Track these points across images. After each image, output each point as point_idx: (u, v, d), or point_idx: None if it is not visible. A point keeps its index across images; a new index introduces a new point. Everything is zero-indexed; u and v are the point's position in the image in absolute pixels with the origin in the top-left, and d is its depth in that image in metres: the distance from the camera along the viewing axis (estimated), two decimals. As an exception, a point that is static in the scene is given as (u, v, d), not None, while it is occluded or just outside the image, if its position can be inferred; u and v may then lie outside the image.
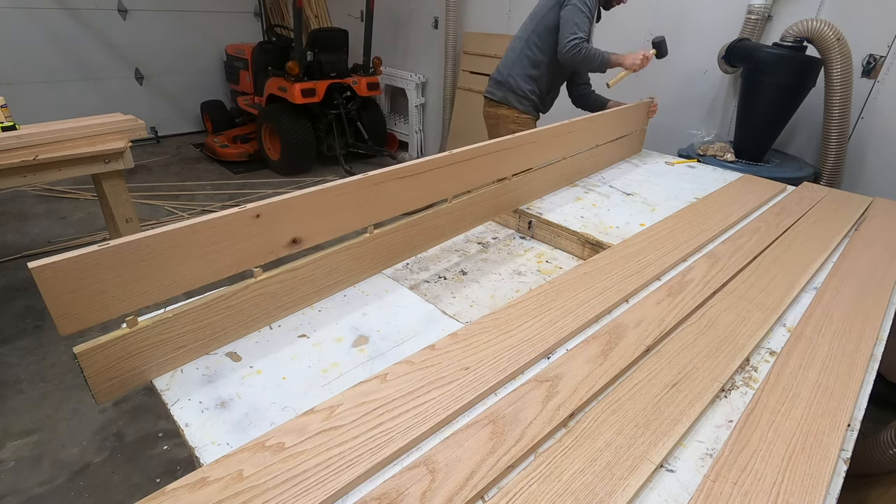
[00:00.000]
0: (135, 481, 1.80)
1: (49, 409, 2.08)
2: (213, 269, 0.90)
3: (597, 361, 0.93)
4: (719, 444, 0.80)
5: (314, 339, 1.01)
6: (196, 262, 0.88)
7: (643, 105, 2.31)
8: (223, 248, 0.90)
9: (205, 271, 0.89)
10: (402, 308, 1.12)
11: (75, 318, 0.77)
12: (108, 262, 0.77)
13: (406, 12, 5.02)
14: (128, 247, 0.78)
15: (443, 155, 1.28)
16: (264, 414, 0.82)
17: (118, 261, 0.78)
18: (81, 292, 0.76)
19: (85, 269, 0.75)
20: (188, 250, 0.86)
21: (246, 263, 0.95)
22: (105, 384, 0.82)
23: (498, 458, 0.72)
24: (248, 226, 0.93)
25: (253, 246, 0.95)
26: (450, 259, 1.43)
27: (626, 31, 3.45)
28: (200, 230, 0.86)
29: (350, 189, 1.08)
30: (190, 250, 0.86)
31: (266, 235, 0.96)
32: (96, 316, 0.79)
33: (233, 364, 0.93)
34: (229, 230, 0.90)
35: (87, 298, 0.77)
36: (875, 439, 1.61)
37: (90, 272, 0.76)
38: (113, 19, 5.04)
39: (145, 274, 0.82)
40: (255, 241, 0.95)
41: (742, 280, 1.23)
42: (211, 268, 0.90)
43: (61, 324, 0.75)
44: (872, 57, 2.56)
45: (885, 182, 2.67)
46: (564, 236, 1.53)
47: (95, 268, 0.76)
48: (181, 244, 0.85)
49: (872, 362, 0.99)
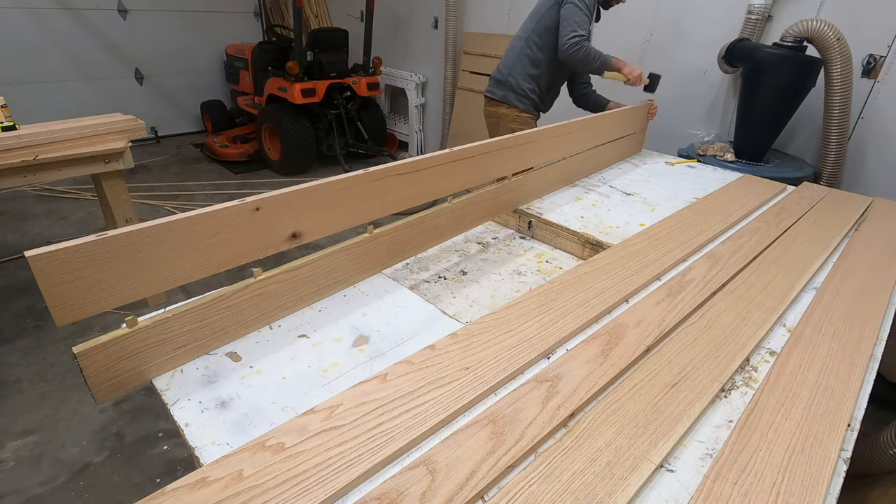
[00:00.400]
0: (135, 481, 1.80)
1: (49, 409, 2.08)
2: (211, 262, 0.90)
3: (597, 361, 0.93)
4: (719, 444, 0.80)
5: (314, 339, 1.01)
6: (195, 254, 0.87)
7: (643, 107, 2.31)
8: (222, 240, 0.90)
9: (203, 264, 0.89)
10: (402, 308, 1.12)
11: (72, 308, 0.76)
12: (105, 252, 0.77)
13: (406, 12, 5.02)
14: (125, 237, 0.78)
15: (443, 152, 1.28)
16: (264, 414, 0.82)
17: (115, 251, 0.78)
18: (78, 283, 0.75)
19: (82, 259, 0.75)
20: (187, 242, 0.85)
21: (245, 257, 0.95)
22: (104, 384, 0.82)
23: (498, 458, 0.72)
24: (248, 219, 0.93)
25: (252, 239, 0.95)
26: (450, 259, 1.43)
27: (626, 32, 3.45)
28: (199, 222, 0.86)
29: (350, 184, 1.08)
30: (189, 242, 0.86)
31: (266, 229, 0.96)
32: (93, 307, 0.78)
33: (233, 364, 0.93)
34: (229, 223, 0.90)
35: (84, 289, 0.76)
36: (875, 439, 1.61)
37: (87, 262, 0.75)
38: (113, 19, 5.04)
39: (143, 265, 0.81)
40: (255, 234, 0.95)
41: (742, 280, 1.23)
42: (210, 260, 0.89)
43: (57, 314, 0.75)
44: (872, 57, 2.56)
45: (885, 182, 2.67)
46: (564, 236, 1.53)
47: (93, 258, 0.76)
48: (180, 236, 0.84)
49: (872, 362, 0.99)
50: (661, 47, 3.31)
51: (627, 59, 2.26)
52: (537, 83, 2.45)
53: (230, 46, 5.41)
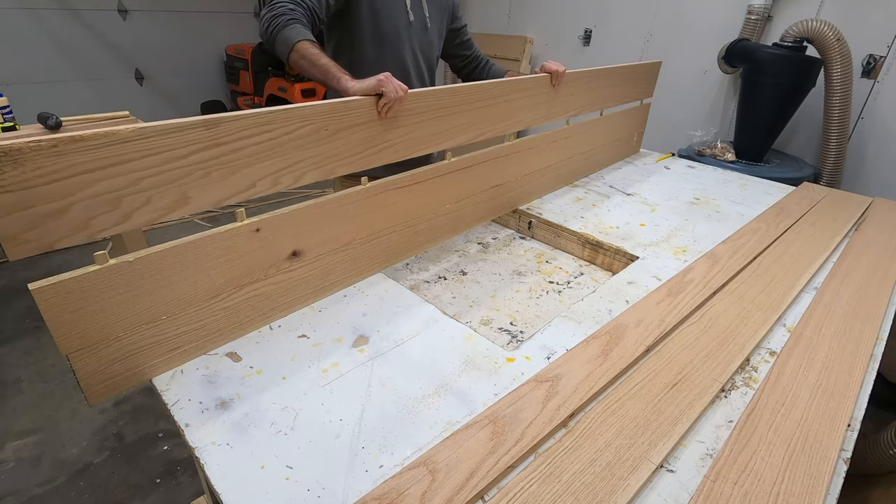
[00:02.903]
0: (135, 481, 1.80)
1: (49, 409, 2.07)
2: (214, 284, 0.91)
3: (597, 361, 0.93)
4: (719, 444, 0.79)
5: (314, 339, 1.01)
6: (197, 277, 0.88)
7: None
8: (224, 262, 0.91)
9: (206, 286, 0.90)
10: (402, 308, 1.12)
11: (76, 337, 0.77)
12: (108, 281, 0.77)
13: (406, 12, 5.02)
14: (128, 266, 0.79)
15: (442, 164, 1.29)
16: (264, 414, 0.82)
17: (119, 279, 0.78)
18: (82, 311, 0.76)
19: (85, 288, 0.75)
20: (189, 266, 0.86)
21: (247, 277, 0.96)
22: (98, 386, 0.82)
23: (498, 459, 0.72)
24: (249, 240, 0.93)
25: (253, 260, 0.96)
26: (450, 259, 1.43)
27: (626, 32, 3.45)
28: (201, 246, 0.86)
29: (349, 200, 1.09)
30: (191, 266, 0.86)
31: (266, 249, 0.97)
32: (98, 334, 0.79)
33: (233, 364, 0.93)
34: (230, 245, 0.91)
35: (88, 317, 0.77)
36: (875, 439, 1.61)
37: (91, 292, 0.76)
38: (113, 19, 5.04)
39: (146, 291, 0.82)
40: (256, 255, 0.96)
41: (742, 280, 1.23)
42: (212, 283, 0.90)
43: (62, 343, 0.76)
44: (872, 57, 2.56)
45: (885, 182, 2.67)
46: (564, 236, 1.53)
47: (95, 287, 0.76)
48: (182, 261, 0.85)
49: (872, 362, 0.99)
50: (661, 47, 3.31)
51: (627, 60, 2.23)
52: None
53: (230, 47, 5.42)
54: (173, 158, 0.79)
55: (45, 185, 0.68)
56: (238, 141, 0.86)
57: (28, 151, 0.65)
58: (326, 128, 0.99)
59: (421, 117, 1.18)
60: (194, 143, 0.81)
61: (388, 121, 1.10)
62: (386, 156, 1.14)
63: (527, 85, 1.49)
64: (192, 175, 0.82)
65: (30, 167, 0.66)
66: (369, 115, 1.06)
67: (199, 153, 0.82)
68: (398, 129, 1.14)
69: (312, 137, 0.97)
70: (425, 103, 1.17)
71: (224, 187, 0.87)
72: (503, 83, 1.38)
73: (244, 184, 0.90)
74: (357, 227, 1.13)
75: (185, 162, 0.81)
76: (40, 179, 0.68)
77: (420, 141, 1.21)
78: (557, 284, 1.35)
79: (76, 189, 0.71)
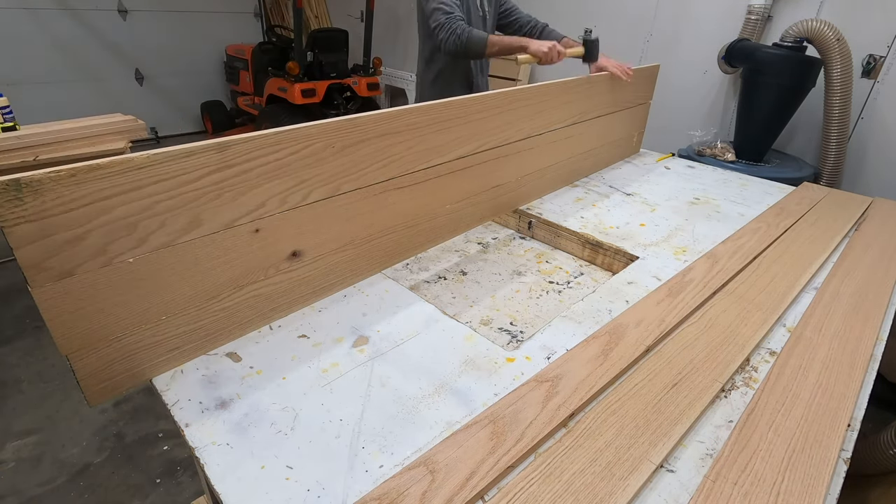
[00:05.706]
0: (135, 481, 1.80)
1: (49, 409, 2.08)
2: (213, 286, 0.91)
3: (597, 361, 0.93)
4: (719, 445, 0.79)
5: (314, 339, 1.01)
6: (197, 278, 0.88)
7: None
8: (223, 262, 0.91)
9: (205, 288, 0.90)
10: (402, 308, 1.12)
11: (76, 337, 0.77)
12: (107, 281, 0.77)
13: (406, 12, 5.02)
14: (128, 266, 0.79)
15: (441, 163, 1.28)
16: (264, 414, 0.82)
17: (118, 279, 0.78)
18: (82, 312, 0.76)
19: (85, 289, 0.75)
20: (189, 266, 0.86)
21: (246, 277, 0.96)
22: (98, 386, 0.82)
23: (498, 459, 0.72)
24: (248, 241, 0.93)
25: (253, 260, 0.96)
26: (450, 259, 1.43)
27: (626, 31, 3.45)
28: (200, 246, 0.86)
29: (349, 200, 1.09)
30: (190, 266, 0.86)
31: (266, 249, 0.97)
32: (98, 334, 0.79)
33: (233, 364, 0.93)
34: (229, 245, 0.91)
35: (88, 317, 0.77)
36: (875, 439, 1.61)
37: (90, 292, 0.76)
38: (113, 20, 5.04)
39: (146, 291, 0.82)
40: (256, 255, 0.96)
41: (742, 280, 1.23)
42: (211, 284, 0.90)
43: (62, 343, 0.76)
44: (872, 57, 2.56)
45: (885, 182, 2.67)
46: (564, 236, 1.53)
47: (94, 288, 0.76)
48: (181, 262, 0.85)
49: (872, 362, 0.99)
50: (661, 47, 3.31)
51: (627, 60, 2.22)
52: (444, 81, 2.05)
53: (230, 47, 5.41)
54: (186, 182, 0.81)
55: (64, 214, 0.70)
56: (247, 162, 0.87)
57: (48, 182, 0.67)
58: (333, 145, 1.00)
59: (423, 131, 1.19)
60: (205, 166, 0.82)
61: (392, 135, 1.12)
62: (391, 169, 1.15)
63: (525, 95, 1.49)
64: (204, 197, 0.84)
65: (49, 197, 0.68)
66: (374, 129, 1.08)
67: (209, 175, 0.83)
68: (402, 144, 1.15)
69: (320, 155, 0.99)
70: (427, 118, 1.19)
71: (234, 208, 0.88)
72: (501, 94, 1.38)
73: (254, 203, 0.91)
74: (357, 227, 1.13)
75: (197, 185, 0.82)
76: (60, 208, 0.69)
77: (423, 154, 1.22)
78: (557, 284, 1.35)
79: (94, 216, 0.73)
